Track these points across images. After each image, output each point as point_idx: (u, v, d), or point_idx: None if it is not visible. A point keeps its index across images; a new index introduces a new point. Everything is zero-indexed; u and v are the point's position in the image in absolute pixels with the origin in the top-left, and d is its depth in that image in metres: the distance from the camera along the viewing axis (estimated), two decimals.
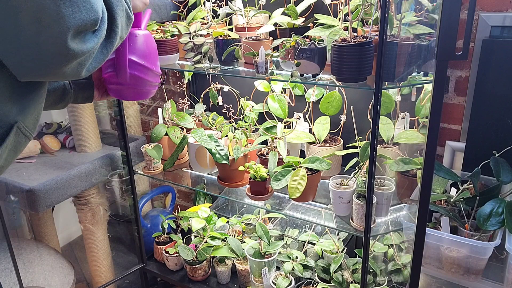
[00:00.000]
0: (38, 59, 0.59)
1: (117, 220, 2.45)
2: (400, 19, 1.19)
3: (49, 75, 0.62)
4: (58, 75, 0.63)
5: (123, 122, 1.70)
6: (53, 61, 0.59)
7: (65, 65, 0.60)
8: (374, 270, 1.53)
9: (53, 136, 1.93)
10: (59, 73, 0.62)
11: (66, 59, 0.59)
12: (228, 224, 1.88)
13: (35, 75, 0.62)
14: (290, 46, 1.24)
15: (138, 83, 0.95)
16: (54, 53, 0.58)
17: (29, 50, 0.57)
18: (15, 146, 0.69)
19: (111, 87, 0.98)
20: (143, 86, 0.97)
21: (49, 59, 0.59)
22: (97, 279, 2.00)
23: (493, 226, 1.10)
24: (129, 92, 0.98)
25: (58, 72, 0.62)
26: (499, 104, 1.29)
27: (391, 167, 1.36)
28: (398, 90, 1.42)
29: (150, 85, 0.99)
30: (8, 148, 0.67)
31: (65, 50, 0.58)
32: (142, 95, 1.00)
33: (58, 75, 0.63)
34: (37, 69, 0.60)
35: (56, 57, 0.59)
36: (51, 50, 0.58)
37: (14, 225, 2.00)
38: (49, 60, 0.59)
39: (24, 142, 0.71)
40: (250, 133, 1.67)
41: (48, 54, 0.58)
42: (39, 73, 0.61)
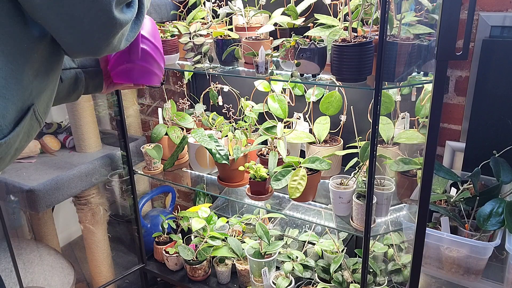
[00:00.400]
0: (91, 34, 0.63)
1: (117, 220, 2.45)
2: (400, 19, 1.19)
3: (100, 49, 0.67)
4: (108, 48, 0.68)
5: (123, 122, 1.70)
6: (104, 32, 0.64)
7: (113, 35, 0.66)
8: (374, 270, 1.53)
9: (53, 136, 1.93)
10: (109, 46, 0.67)
11: (114, 29, 0.65)
12: (228, 224, 1.88)
13: (87, 51, 0.67)
14: (290, 46, 1.24)
15: (147, 62, 0.98)
16: (104, 25, 0.63)
17: (82, 26, 0.62)
18: (29, 130, 0.72)
19: (120, 69, 1.00)
20: (151, 65, 1.00)
21: (101, 31, 0.64)
22: (97, 279, 2.00)
23: (493, 226, 1.10)
24: (138, 71, 1.00)
25: (109, 44, 0.67)
26: (499, 104, 1.29)
27: (391, 167, 1.36)
28: (398, 90, 1.42)
29: (157, 68, 1.02)
30: (23, 130, 0.70)
31: (112, 20, 0.63)
32: (150, 77, 1.02)
33: (108, 48, 0.68)
34: (91, 44, 0.65)
35: (106, 29, 0.64)
36: (102, 22, 0.62)
37: (14, 225, 2.00)
38: (100, 33, 0.64)
39: (36, 127, 0.74)
40: (250, 133, 1.67)
41: (99, 26, 0.63)
42: (92, 48, 0.66)
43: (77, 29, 0.62)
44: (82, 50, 0.67)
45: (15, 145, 0.70)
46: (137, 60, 0.97)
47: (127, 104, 2.13)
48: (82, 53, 0.69)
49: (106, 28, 0.64)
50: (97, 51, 0.68)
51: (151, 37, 0.98)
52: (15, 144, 0.69)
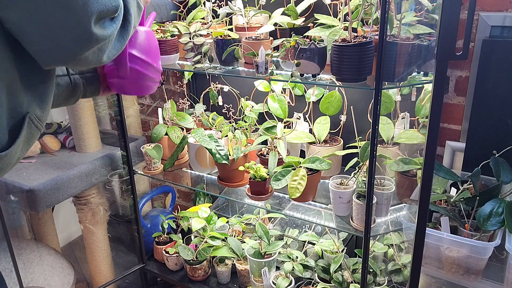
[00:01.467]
0: (64, 45, 0.62)
1: (117, 220, 2.45)
2: (400, 19, 1.19)
3: (72, 61, 0.66)
4: (81, 61, 0.66)
5: (123, 122, 1.70)
6: (78, 46, 0.62)
7: (87, 49, 0.64)
8: (374, 270, 1.53)
9: (53, 136, 1.93)
10: (82, 59, 0.65)
11: (89, 43, 0.63)
12: (228, 224, 1.88)
13: (60, 62, 0.66)
14: (290, 46, 1.24)
15: (138, 77, 0.97)
16: (78, 38, 0.61)
17: (56, 36, 0.60)
18: (28, 138, 0.72)
19: (113, 81, 1.00)
20: (143, 80, 0.99)
21: (74, 44, 0.62)
22: (97, 279, 2.01)
23: (493, 226, 1.10)
24: (130, 86, 0.99)
25: (81, 58, 0.65)
26: (499, 104, 1.29)
27: (391, 167, 1.36)
28: (398, 90, 1.42)
29: (151, 81, 1.01)
30: (23, 140, 0.70)
31: (89, 34, 0.61)
32: (143, 90, 1.02)
33: (81, 61, 0.66)
34: (63, 55, 0.63)
35: (80, 42, 0.62)
36: (76, 35, 0.61)
37: (14, 225, 2.00)
38: (74, 46, 0.62)
39: (36, 134, 0.74)
40: (250, 133, 1.67)
41: (73, 39, 0.61)
42: (64, 59, 0.65)
43: (50, 39, 0.61)
44: (53, 61, 0.65)
45: (17, 155, 0.70)
46: (126, 77, 0.96)
47: (127, 104, 2.13)
48: (53, 63, 0.67)
49: (81, 41, 0.62)
50: (70, 63, 0.67)
51: (143, 53, 0.95)
52: (16, 154, 0.69)
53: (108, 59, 0.71)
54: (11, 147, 0.66)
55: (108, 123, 2.36)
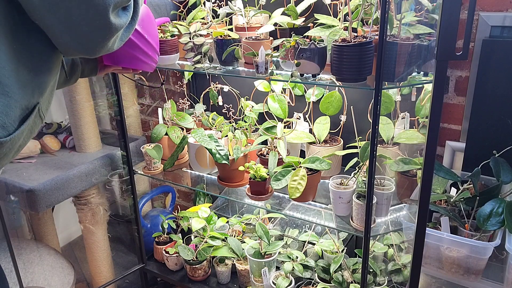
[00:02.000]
0: (86, 37, 0.65)
1: (117, 220, 2.45)
2: (400, 19, 1.19)
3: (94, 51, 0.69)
4: (102, 50, 0.70)
5: (123, 122, 1.70)
6: (100, 35, 0.66)
7: (109, 38, 0.67)
8: (374, 270, 1.53)
9: (53, 136, 1.92)
10: (104, 47, 0.69)
11: (110, 32, 0.66)
12: (228, 224, 1.88)
13: (83, 52, 0.69)
14: (290, 46, 1.24)
15: (130, 47, 0.97)
16: (100, 29, 0.65)
17: (79, 27, 0.63)
18: (32, 127, 0.73)
19: None
20: (134, 51, 0.99)
21: (97, 34, 0.65)
22: (97, 279, 2.00)
23: (493, 226, 1.10)
24: (120, 55, 0.99)
25: (104, 46, 0.69)
26: (499, 104, 1.28)
27: (391, 167, 1.36)
28: (398, 90, 1.42)
29: (143, 54, 1.00)
30: (27, 128, 0.71)
31: (108, 24, 0.65)
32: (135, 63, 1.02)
33: (102, 50, 0.70)
34: (85, 46, 0.67)
35: (102, 32, 0.65)
36: (98, 26, 0.64)
37: (14, 225, 2.00)
38: (97, 36, 0.66)
39: (39, 124, 0.76)
40: (250, 133, 1.67)
41: (96, 30, 0.64)
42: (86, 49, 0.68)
43: (74, 31, 0.63)
44: (78, 51, 0.69)
45: (19, 142, 0.71)
46: None
47: (127, 104, 2.13)
48: (77, 53, 0.71)
49: (102, 31, 0.65)
50: (93, 52, 0.70)
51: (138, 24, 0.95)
52: (19, 141, 0.71)
53: (120, 44, 0.75)
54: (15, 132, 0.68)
55: (108, 123, 2.36)
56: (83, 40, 0.66)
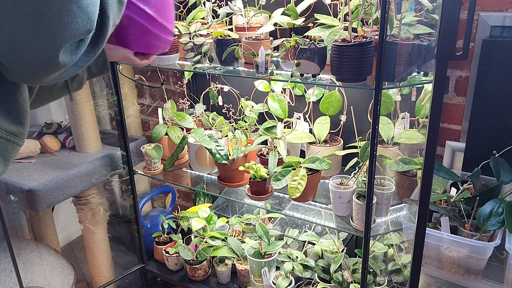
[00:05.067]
0: (28, 64, 0.58)
1: (117, 220, 2.45)
2: (400, 19, 1.19)
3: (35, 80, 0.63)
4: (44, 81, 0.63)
5: (123, 122, 1.70)
6: (42, 68, 0.59)
7: (51, 73, 0.60)
8: (374, 270, 1.53)
9: (53, 136, 1.93)
10: (45, 80, 0.62)
11: (54, 68, 0.59)
12: (228, 224, 1.88)
13: (22, 79, 0.63)
14: (290, 46, 1.24)
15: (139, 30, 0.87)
16: (43, 61, 0.57)
17: (21, 54, 0.57)
18: (2, 154, 0.66)
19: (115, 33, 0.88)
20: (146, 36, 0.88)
21: (38, 66, 0.58)
22: (97, 279, 2.00)
23: (493, 226, 1.10)
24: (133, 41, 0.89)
25: (44, 79, 0.62)
26: (499, 104, 1.29)
27: (391, 167, 1.36)
28: (398, 90, 1.42)
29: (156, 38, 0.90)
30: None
31: (54, 60, 0.57)
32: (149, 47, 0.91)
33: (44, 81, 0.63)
34: (26, 73, 0.60)
35: (45, 65, 0.58)
36: (42, 57, 0.57)
37: (14, 225, 2.00)
38: (37, 67, 0.58)
39: (12, 148, 0.68)
40: (250, 133, 1.67)
41: (38, 61, 0.57)
42: (26, 77, 0.62)
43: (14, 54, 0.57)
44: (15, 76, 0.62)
45: None
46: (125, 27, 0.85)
47: (127, 104, 2.13)
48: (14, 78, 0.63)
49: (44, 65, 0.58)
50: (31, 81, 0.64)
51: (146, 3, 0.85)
52: None
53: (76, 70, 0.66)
54: None
55: (108, 123, 2.36)
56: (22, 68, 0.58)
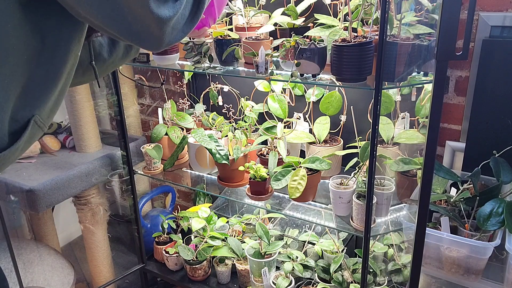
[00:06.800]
0: (135, 31, 0.60)
1: (117, 220, 2.45)
2: (400, 19, 1.19)
3: (152, 45, 0.63)
4: (161, 43, 0.64)
5: (123, 122, 1.70)
6: (145, 29, 0.60)
7: (158, 31, 0.61)
8: (374, 270, 1.53)
9: (53, 136, 1.93)
10: (160, 42, 0.63)
11: (156, 25, 0.59)
12: (228, 224, 1.88)
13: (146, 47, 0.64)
14: (290, 46, 1.24)
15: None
16: (143, 21, 0.58)
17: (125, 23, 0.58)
18: (30, 138, 0.70)
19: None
20: None
21: (141, 28, 0.59)
22: (97, 279, 2.00)
23: (493, 226, 1.10)
24: None
25: (158, 41, 0.62)
26: (499, 104, 1.28)
27: (391, 167, 1.36)
28: (398, 90, 1.42)
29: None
30: (24, 141, 0.68)
31: (150, 15, 0.58)
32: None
33: (161, 43, 0.64)
34: (141, 40, 0.61)
35: (146, 26, 0.59)
36: (141, 18, 0.58)
37: (14, 225, 2.00)
38: (142, 30, 0.60)
39: (38, 133, 0.72)
40: (250, 133, 1.67)
41: (139, 23, 0.59)
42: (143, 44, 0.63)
43: (123, 28, 0.59)
44: (142, 46, 0.65)
45: (16, 154, 0.68)
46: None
47: (127, 104, 2.13)
48: (145, 48, 0.66)
49: (146, 25, 0.59)
50: (156, 47, 0.65)
51: None
52: (16, 153, 0.67)
53: (184, 35, 0.67)
54: (11, 147, 0.64)
55: (108, 123, 2.36)
56: (134, 36, 0.60)
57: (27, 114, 0.66)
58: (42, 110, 0.69)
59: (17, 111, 0.64)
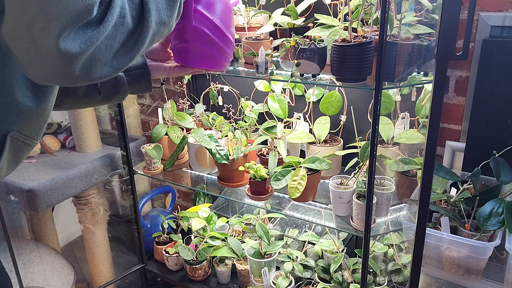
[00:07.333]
0: (38, 62, 0.51)
1: (117, 220, 2.45)
2: (400, 19, 1.19)
3: (59, 81, 0.54)
4: (71, 80, 0.54)
5: (123, 122, 1.70)
6: (51, 63, 0.50)
7: (67, 67, 0.51)
8: (374, 270, 1.53)
9: (53, 136, 1.93)
10: (70, 78, 0.53)
11: (59, 59, 0.50)
12: (228, 224, 1.88)
13: (46, 80, 0.54)
14: (290, 46, 1.24)
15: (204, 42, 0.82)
16: (47, 54, 0.49)
17: (25, 52, 0.50)
18: (16, 155, 0.64)
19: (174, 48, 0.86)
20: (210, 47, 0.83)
21: (46, 61, 0.50)
22: (97, 279, 2.00)
23: (493, 226, 1.10)
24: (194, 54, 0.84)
25: (69, 77, 0.53)
26: (499, 104, 1.29)
27: (391, 167, 1.36)
28: (398, 90, 1.42)
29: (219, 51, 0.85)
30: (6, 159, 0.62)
31: (53, 47, 0.48)
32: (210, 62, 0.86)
33: (71, 80, 0.54)
34: (42, 73, 0.53)
35: (51, 59, 0.50)
36: (43, 51, 0.49)
37: (14, 225, 2.00)
38: (47, 63, 0.51)
39: (26, 149, 0.66)
40: (250, 133, 1.67)
41: (43, 55, 0.50)
42: (46, 78, 0.53)
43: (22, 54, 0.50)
44: (38, 78, 0.54)
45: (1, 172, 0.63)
46: (191, 40, 0.81)
47: (127, 104, 2.13)
48: (42, 82, 0.55)
49: (50, 58, 0.49)
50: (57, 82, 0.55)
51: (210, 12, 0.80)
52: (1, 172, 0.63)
53: (114, 71, 0.57)
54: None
55: (108, 123, 2.36)
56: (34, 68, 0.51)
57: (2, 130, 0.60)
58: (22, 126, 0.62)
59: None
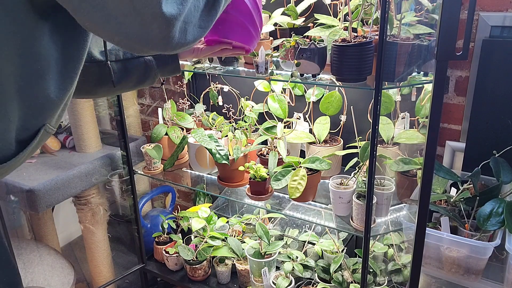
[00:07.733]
0: (141, 33, 0.55)
1: (117, 220, 2.45)
2: (400, 19, 1.19)
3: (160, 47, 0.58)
4: (171, 46, 0.58)
5: (123, 122, 1.70)
6: (155, 30, 0.55)
7: (169, 31, 0.56)
8: (374, 270, 1.53)
9: (53, 136, 1.92)
10: (171, 43, 0.58)
11: (166, 25, 0.55)
12: (228, 224, 1.88)
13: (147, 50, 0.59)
14: (290, 46, 1.24)
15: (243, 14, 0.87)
16: (151, 22, 0.54)
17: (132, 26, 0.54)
18: (39, 143, 0.70)
19: None
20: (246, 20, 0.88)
21: (149, 29, 0.55)
22: (97, 279, 2.00)
23: (493, 226, 1.10)
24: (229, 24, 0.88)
25: (169, 41, 0.57)
26: (499, 104, 1.28)
27: (391, 167, 1.36)
28: (398, 90, 1.42)
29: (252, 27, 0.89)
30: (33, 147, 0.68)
31: (159, 15, 0.53)
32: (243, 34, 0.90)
33: (171, 46, 0.58)
34: (145, 42, 0.57)
35: (155, 25, 0.54)
36: (147, 20, 0.54)
37: (14, 225, 2.00)
38: (150, 30, 0.55)
39: (47, 138, 0.72)
40: (250, 133, 1.67)
41: (147, 24, 0.54)
42: (148, 46, 0.58)
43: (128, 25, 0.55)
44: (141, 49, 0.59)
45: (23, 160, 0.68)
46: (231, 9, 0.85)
47: (127, 104, 2.13)
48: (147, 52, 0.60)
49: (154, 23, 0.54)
50: (159, 49, 0.59)
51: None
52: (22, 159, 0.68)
53: (204, 32, 0.61)
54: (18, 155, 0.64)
55: (108, 123, 2.36)
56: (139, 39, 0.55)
57: (38, 123, 0.66)
58: (53, 118, 0.69)
59: (29, 120, 0.64)
